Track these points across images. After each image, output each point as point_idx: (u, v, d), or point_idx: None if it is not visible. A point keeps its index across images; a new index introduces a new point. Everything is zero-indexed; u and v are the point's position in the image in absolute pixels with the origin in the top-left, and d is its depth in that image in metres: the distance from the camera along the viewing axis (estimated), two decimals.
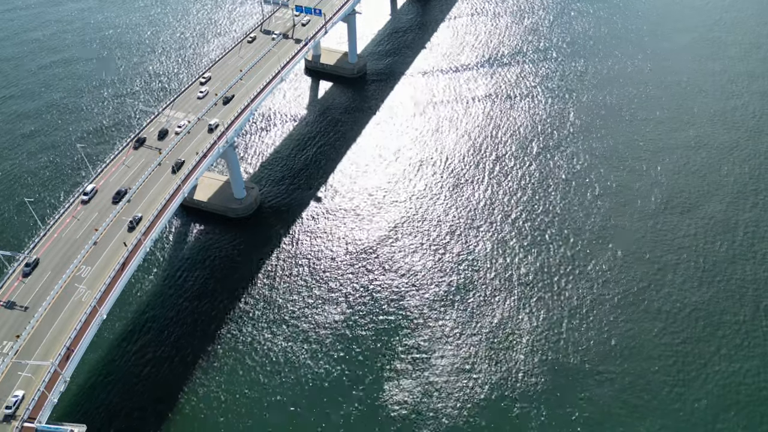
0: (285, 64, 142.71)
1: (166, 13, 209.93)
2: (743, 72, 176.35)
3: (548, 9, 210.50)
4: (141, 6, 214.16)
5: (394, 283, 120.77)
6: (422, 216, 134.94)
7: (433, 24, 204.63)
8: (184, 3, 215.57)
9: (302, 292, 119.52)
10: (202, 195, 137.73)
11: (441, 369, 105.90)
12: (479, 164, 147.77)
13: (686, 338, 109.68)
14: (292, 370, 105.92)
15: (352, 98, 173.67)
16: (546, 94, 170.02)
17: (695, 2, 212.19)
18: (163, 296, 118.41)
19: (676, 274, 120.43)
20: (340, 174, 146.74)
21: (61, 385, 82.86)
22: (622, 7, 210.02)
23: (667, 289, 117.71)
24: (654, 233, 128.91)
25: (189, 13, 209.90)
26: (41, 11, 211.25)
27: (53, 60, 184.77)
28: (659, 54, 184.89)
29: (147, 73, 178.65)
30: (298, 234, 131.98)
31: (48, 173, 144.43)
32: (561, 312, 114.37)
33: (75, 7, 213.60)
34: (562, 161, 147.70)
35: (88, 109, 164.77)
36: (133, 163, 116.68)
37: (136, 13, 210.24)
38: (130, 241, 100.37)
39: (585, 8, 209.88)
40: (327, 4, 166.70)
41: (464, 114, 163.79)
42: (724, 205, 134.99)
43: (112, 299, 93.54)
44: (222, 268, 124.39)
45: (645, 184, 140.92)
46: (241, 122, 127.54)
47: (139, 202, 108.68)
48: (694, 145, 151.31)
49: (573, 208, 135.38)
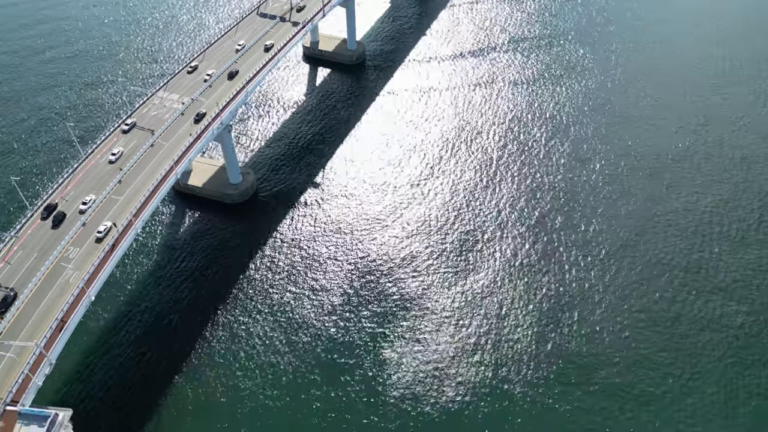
0: (283, 46, 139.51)
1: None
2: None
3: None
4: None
5: (393, 269, 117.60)
6: (421, 201, 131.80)
7: (433, 12, 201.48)
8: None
9: (299, 279, 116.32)
10: (197, 180, 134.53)
11: (441, 355, 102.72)
12: (478, 149, 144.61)
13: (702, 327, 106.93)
14: (288, 357, 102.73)
15: (351, 85, 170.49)
16: (547, 80, 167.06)
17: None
18: (155, 283, 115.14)
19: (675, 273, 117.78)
20: (338, 160, 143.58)
21: (46, 367, 79.66)
22: None
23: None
24: (663, 215, 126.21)
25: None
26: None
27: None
28: (667, 43, 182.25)
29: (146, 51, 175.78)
30: (294, 220, 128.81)
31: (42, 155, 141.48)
32: (565, 298, 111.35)
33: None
34: (564, 145, 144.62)
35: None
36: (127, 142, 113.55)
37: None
38: (121, 223, 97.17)
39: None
40: None
41: (464, 100, 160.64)
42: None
43: (100, 281, 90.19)
44: (216, 254, 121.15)
45: (647, 165, 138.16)
46: (237, 104, 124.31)
47: (132, 182, 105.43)
48: (702, 128, 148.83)
49: (577, 190, 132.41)
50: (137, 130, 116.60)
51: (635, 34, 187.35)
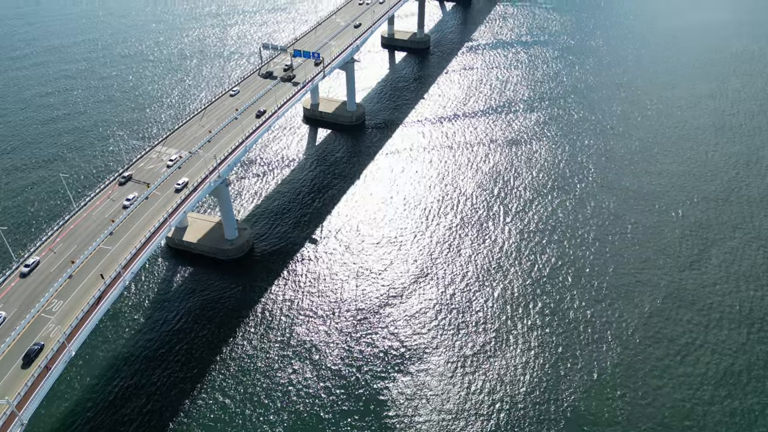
0: (283, 104, 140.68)
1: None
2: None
3: (538, 62, 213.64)
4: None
5: (393, 325, 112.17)
6: (420, 258, 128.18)
7: (431, 76, 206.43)
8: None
9: (295, 338, 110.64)
10: (192, 236, 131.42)
11: (445, 416, 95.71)
12: (477, 207, 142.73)
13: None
14: (284, 421, 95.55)
15: (350, 144, 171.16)
16: (539, 140, 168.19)
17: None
18: (144, 340, 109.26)
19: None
20: (336, 216, 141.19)
21: (17, 428, 73.11)
22: (614, 59, 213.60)
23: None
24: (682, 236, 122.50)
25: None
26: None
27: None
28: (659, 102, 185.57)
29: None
30: (291, 276, 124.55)
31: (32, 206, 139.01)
32: (574, 357, 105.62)
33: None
34: (562, 202, 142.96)
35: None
36: (119, 197, 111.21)
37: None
38: (109, 274, 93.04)
39: (576, 61, 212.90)
40: (326, 51, 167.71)
41: (461, 159, 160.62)
42: None
43: (83, 335, 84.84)
44: (209, 311, 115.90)
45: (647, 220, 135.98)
46: (236, 158, 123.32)
47: (123, 234, 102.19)
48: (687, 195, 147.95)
49: (578, 245, 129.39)
50: (133, 183, 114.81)
51: (634, 99, 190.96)
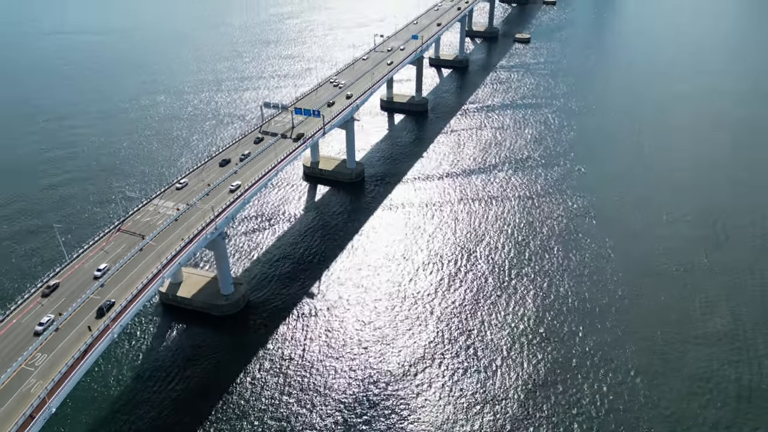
0: (283, 158, 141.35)
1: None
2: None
3: (531, 123, 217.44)
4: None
5: (392, 387, 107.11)
6: (421, 315, 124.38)
7: (429, 137, 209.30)
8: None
9: (290, 399, 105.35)
10: (186, 292, 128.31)
11: None
12: (478, 263, 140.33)
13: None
14: None
15: (349, 201, 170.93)
16: (537, 197, 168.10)
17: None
18: (132, 399, 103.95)
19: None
20: (334, 272, 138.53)
21: None
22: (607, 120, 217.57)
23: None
24: None
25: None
26: None
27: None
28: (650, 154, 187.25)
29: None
30: (287, 332, 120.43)
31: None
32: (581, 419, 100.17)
33: None
34: (565, 259, 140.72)
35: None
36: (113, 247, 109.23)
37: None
38: (97, 327, 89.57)
39: (575, 123, 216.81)
40: (326, 110, 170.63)
41: (461, 216, 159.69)
42: None
43: (65, 391, 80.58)
44: (201, 368, 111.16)
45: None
46: (233, 211, 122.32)
47: (114, 286, 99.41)
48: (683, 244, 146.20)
49: (584, 299, 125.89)
50: (128, 236, 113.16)
51: (635, 156, 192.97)
